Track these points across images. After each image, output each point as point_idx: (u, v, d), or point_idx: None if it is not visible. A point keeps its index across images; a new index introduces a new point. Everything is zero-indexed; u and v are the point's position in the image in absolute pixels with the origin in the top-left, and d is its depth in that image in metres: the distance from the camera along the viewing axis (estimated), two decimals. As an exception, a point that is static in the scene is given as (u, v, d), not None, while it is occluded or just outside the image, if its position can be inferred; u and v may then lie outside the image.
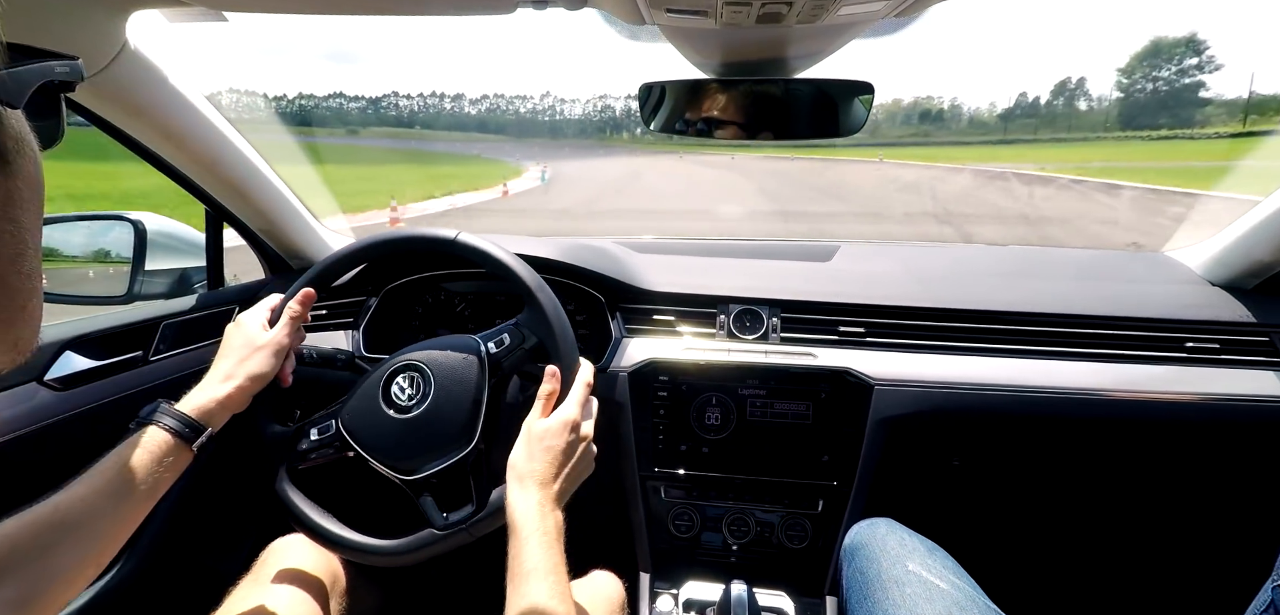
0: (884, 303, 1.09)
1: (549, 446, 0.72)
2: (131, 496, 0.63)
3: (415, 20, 0.80)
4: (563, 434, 0.73)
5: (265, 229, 1.16)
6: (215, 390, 0.73)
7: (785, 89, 0.87)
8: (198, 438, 0.69)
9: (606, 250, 1.21)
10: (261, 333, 0.79)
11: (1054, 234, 10.56)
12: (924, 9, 0.69)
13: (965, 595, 0.75)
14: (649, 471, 1.07)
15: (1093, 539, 1.29)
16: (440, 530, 0.78)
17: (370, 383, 0.84)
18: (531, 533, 0.66)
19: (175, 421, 0.68)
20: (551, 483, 0.71)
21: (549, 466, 0.71)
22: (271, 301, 0.83)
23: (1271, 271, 1.06)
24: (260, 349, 0.77)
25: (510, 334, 0.84)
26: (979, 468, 1.20)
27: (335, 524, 0.81)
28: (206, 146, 0.97)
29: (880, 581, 0.79)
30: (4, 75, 0.27)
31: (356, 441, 0.80)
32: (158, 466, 0.65)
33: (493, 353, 0.83)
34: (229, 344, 0.78)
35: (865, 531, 0.90)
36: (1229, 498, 1.20)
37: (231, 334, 0.79)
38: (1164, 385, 1.01)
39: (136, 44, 0.79)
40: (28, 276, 0.31)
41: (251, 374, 0.76)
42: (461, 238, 0.87)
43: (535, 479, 0.70)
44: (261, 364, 0.77)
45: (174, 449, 0.67)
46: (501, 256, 0.85)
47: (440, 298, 1.24)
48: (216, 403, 0.72)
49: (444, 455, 0.79)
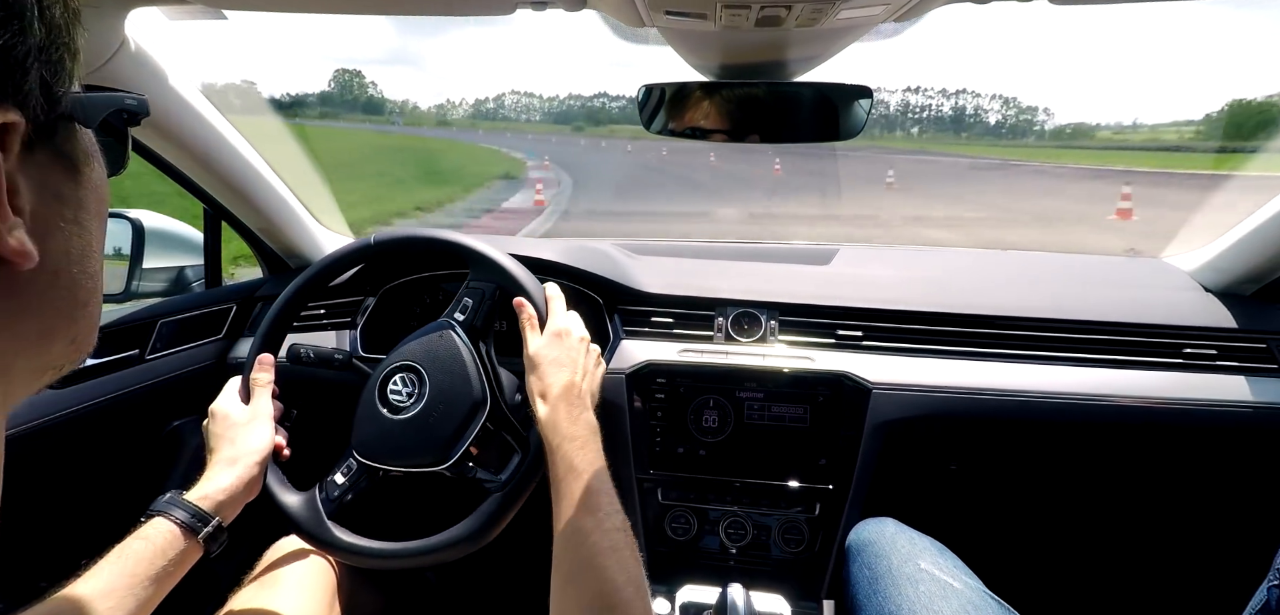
0: (882, 306, 1.09)
1: (553, 359, 0.75)
2: (133, 595, 0.61)
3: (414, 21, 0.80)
4: (558, 343, 0.76)
5: (263, 228, 1.16)
6: (223, 478, 0.71)
7: (784, 92, 0.87)
8: (205, 528, 0.67)
9: (605, 252, 1.21)
10: (243, 410, 0.79)
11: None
12: (924, 12, 0.69)
13: (979, 595, 0.75)
14: (646, 474, 1.07)
15: (1090, 543, 1.29)
16: (501, 489, 0.78)
17: (367, 401, 0.84)
18: (564, 439, 0.68)
19: (186, 514, 0.66)
20: (571, 388, 0.73)
21: (559, 374, 0.74)
22: (235, 383, 0.82)
23: (1269, 278, 1.07)
24: (249, 424, 0.77)
25: (470, 295, 0.87)
26: (976, 472, 1.20)
27: (399, 544, 0.80)
28: (205, 145, 0.97)
29: (892, 578, 0.79)
30: (81, 97, 0.31)
31: (380, 461, 0.80)
32: (162, 561, 0.63)
33: (461, 320, 0.85)
34: (216, 434, 0.76)
35: (872, 530, 0.90)
36: (1226, 502, 1.20)
37: (214, 426, 0.77)
38: (1161, 391, 1.01)
39: (135, 40, 0.79)
40: (92, 276, 0.33)
41: (252, 450, 0.75)
42: (381, 235, 0.90)
43: (554, 390, 0.72)
44: (257, 437, 0.76)
45: (180, 542, 0.65)
46: (427, 235, 0.89)
47: (438, 297, 1.23)
48: (227, 492, 0.70)
49: (469, 426, 0.80)
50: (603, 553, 0.60)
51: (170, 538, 0.64)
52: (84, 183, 0.32)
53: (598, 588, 0.58)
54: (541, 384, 0.74)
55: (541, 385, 0.74)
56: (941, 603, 0.73)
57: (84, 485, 0.97)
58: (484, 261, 0.87)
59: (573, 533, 0.62)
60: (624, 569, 0.59)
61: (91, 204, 0.33)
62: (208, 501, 0.68)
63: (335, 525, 0.80)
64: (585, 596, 0.58)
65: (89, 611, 0.57)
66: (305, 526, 0.80)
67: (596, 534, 0.61)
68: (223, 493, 0.70)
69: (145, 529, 0.64)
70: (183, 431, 1.04)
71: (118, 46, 0.77)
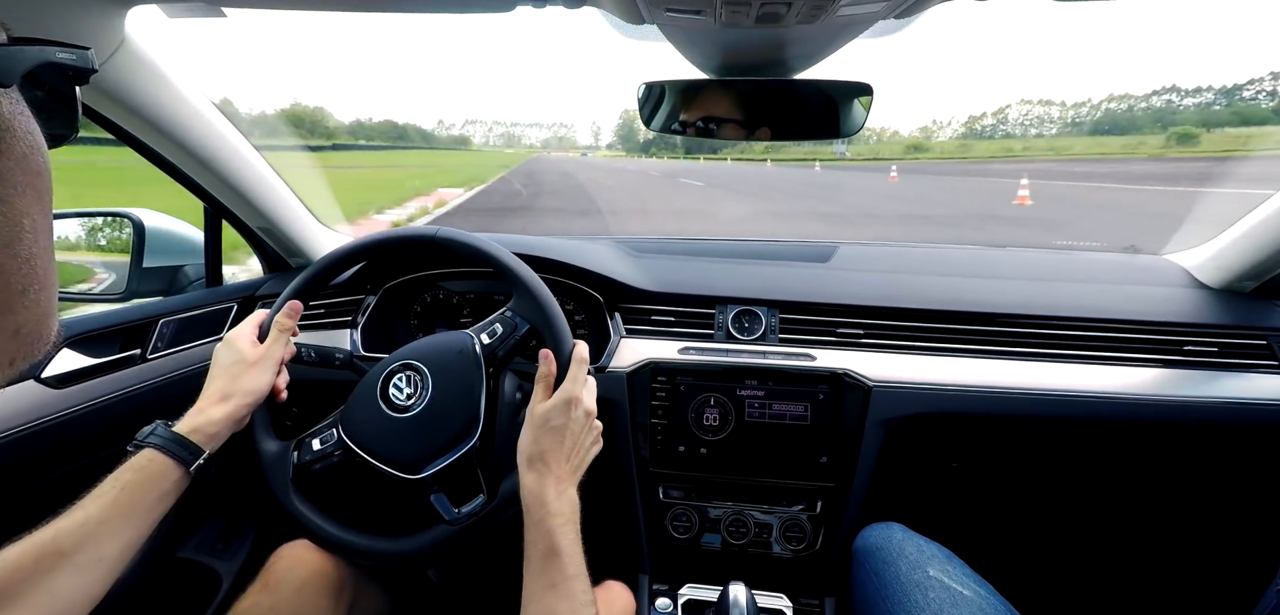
0: (883, 304, 1.09)
1: (554, 427, 0.72)
2: (130, 523, 0.62)
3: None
4: (566, 412, 0.73)
5: (264, 227, 1.16)
6: (212, 412, 0.72)
7: (784, 89, 0.87)
8: (196, 461, 0.68)
9: (605, 250, 1.21)
10: (252, 348, 0.79)
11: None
12: (924, 9, 0.69)
13: (988, 602, 0.75)
14: (647, 472, 1.07)
15: (1093, 543, 1.29)
16: (452, 525, 0.78)
17: (367, 386, 0.84)
18: (548, 514, 0.66)
19: (173, 444, 0.67)
20: (562, 462, 0.71)
21: (557, 446, 0.71)
22: (258, 317, 0.83)
23: (1269, 275, 1.07)
24: (254, 365, 0.77)
25: (502, 324, 0.84)
26: (977, 470, 1.20)
27: (345, 530, 0.81)
28: (205, 144, 0.97)
29: (900, 585, 0.78)
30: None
31: (359, 446, 0.80)
32: (155, 491, 0.65)
33: (486, 344, 0.83)
34: (219, 364, 0.77)
35: (879, 535, 0.89)
36: (1230, 500, 1.20)
37: (221, 354, 0.78)
38: (1162, 388, 1.01)
39: (136, 39, 0.79)
40: (26, 260, 0.29)
41: (247, 391, 0.75)
42: (445, 234, 0.87)
43: (545, 461, 0.70)
44: (256, 380, 0.76)
45: (172, 473, 0.66)
46: (491, 249, 0.86)
47: (438, 297, 1.23)
48: (216, 427, 0.71)
49: (449, 450, 0.79)
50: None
51: (163, 469, 0.66)
52: (3, 155, 0.28)
53: None
54: (537, 449, 0.71)
55: (536, 450, 0.71)
56: (951, 609, 0.72)
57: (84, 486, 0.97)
58: (531, 299, 0.84)
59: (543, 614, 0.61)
60: None
61: (17, 179, 0.29)
62: (198, 435, 0.69)
63: (295, 488, 0.81)
64: None
65: (89, 539, 0.59)
66: (270, 478, 0.81)
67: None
68: (212, 426, 0.71)
69: (138, 460, 0.65)
70: None
71: (118, 45, 0.77)
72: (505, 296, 1.21)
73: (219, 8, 0.77)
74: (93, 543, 0.59)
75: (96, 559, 0.59)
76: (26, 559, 0.55)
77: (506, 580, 0.66)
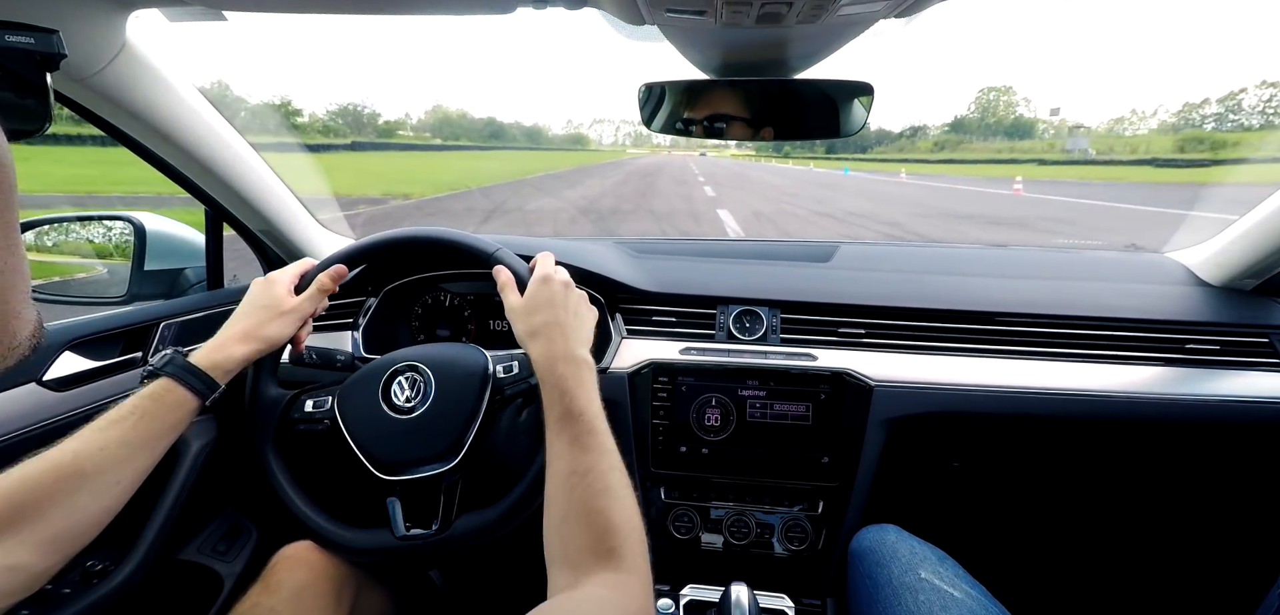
0: (884, 303, 1.09)
1: (541, 302, 0.73)
2: (146, 450, 0.65)
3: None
4: (545, 287, 0.74)
5: (265, 229, 1.16)
6: (232, 349, 0.74)
7: (785, 89, 0.87)
8: (212, 394, 0.70)
9: (606, 251, 1.21)
10: (288, 297, 0.80)
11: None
12: (924, 8, 0.69)
13: (980, 603, 0.75)
14: (648, 472, 1.07)
15: (1095, 542, 1.28)
16: (396, 540, 0.78)
17: (372, 373, 0.84)
18: (557, 379, 0.66)
19: (191, 377, 0.69)
20: (560, 332, 0.71)
21: (552, 318, 0.71)
22: (302, 266, 0.84)
23: (1271, 272, 1.06)
24: (284, 314, 0.78)
25: (521, 363, 0.84)
26: (980, 469, 1.20)
27: (302, 498, 0.82)
28: (206, 147, 0.97)
29: (892, 587, 0.78)
30: None
31: (346, 426, 0.81)
32: (172, 420, 0.67)
33: (499, 378, 0.83)
34: (252, 302, 0.78)
35: (873, 537, 0.89)
36: (1232, 500, 1.20)
37: (257, 291, 0.79)
38: (1164, 387, 1.01)
39: (137, 43, 0.79)
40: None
41: (269, 338, 0.77)
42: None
43: (546, 332, 0.70)
44: (280, 328, 0.78)
45: (188, 404, 0.68)
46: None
47: (440, 298, 1.24)
48: (233, 362, 0.73)
49: (424, 466, 0.79)
50: (598, 495, 0.58)
51: (180, 400, 0.68)
52: None
53: (594, 531, 0.56)
54: (531, 325, 0.71)
55: (529, 326, 0.71)
56: (941, 612, 0.72)
57: None
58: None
59: (568, 473, 0.60)
60: (621, 510, 0.57)
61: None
62: (216, 370, 0.71)
63: (273, 439, 0.82)
64: (582, 540, 0.56)
65: (110, 464, 0.61)
66: (255, 419, 0.83)
67: (592, 476, 0.59)
68: (231, 364, 0.73)
69: (155, 390, 0.67)
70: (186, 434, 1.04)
71: (119, 49, 0.77)
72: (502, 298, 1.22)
73: (220, 12, 0.77)
74: (113, 467, 0.61)
75: (114, 482, 0.61)
76: (47, 478, 0.57)
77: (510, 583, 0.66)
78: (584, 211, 12.20)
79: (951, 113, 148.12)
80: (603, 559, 0.54)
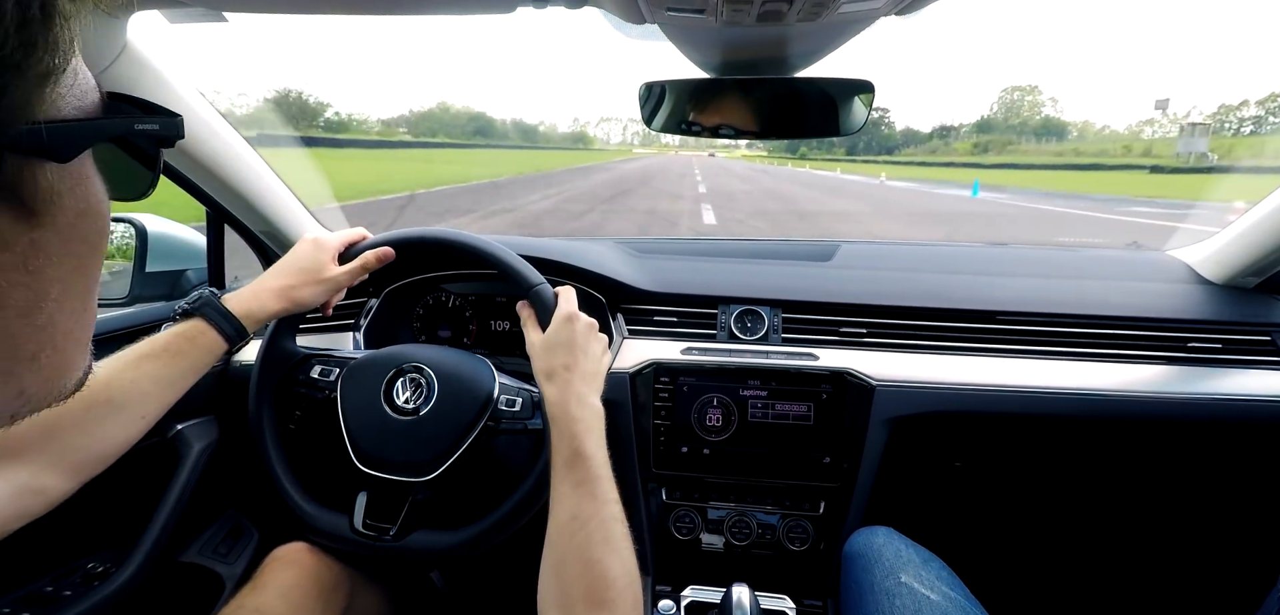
0: (886, 303, 1.09)
1: (562, 342, 0.73)
2: (173, 386, 0.66)
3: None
4: (567, 327, 0.74)
5: (267, 231, 1.16)
6: (268, 302, 0.75)
7: (785, 88, 0.87)
8: (240, 341, 0.72)
9: (607, 251, 1.21)
10: (331, 265, 0.81)
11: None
12: (924, 6, 0.69)
13: (957, 606, 0.75)
14: (650, 473, 1.07)
15: (1096, 541, 1.28)
16: (351, 532, 0.80)
17: (382, 363, 0.84)
18: (569, 422, 0.67)
19: (225, 322, 0.71)
20: (577, 374, 0.71)
21: (570, 359, 0.72)
22: (354, 235, 0.85)
23: (1273, 270, 1.06)
24: (323, 282, 0.79)
25: (525, 403, 0.84)
26: (981, 469, 1.19)
27: (280, 458, 0.83)
28: (207, 148, 0.97)
29: (872, 593, 0.79)
30: (42, 127, 0.25)
31: (342, 405, 0.82)
32: (202, 360, 0.69)
33: (500, 407, 0.83)
34: (298, 262, 0.79)
35: (863, 540, 0.89)
36: (1234, 499, 1.19)
37: (303, 252, 0.80)
38: (1166, 385, 1.00)
39: (137, 45, 0.79)
40: (41, 329, 0.27)
41: (304, 301, 0.78)
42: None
43: (564, 371, 0.71)
44: (316, 295, 0.79)
45: (218, 347, 0.70)
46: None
47: (442, 299, 1.24)
48: (267, 313, 0.75)
49: (400, 472, 0.79)
50: (598, 544, 0.58)
51: (212, 343, 0.70)
52: (43, 226, 0.26)
53: (590, 581, 0.56)
54: (549, 365, 0.72)
55: (548, 366, 0.72)
56: None
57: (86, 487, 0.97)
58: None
59: (569, 519, 0.61)
60: (619, 563, 0.58)
61: (54, 250, 0.27)
62: (249, 318, 0.73)
63: (270, 394, 0.84)
64: (577, 590, 0.56)
65: (140, 396, 0.63)
66: (260, 369, 0.84)
67: (593, 524, 0.60)
68: (264, 313, 0.75)
69: (189, 330, 0.69)
70: (187, 435, 1.04)
71: (120, 50, 0.77)
72: (505, 298, 1.22)
73: (220, 13, 0.77)
74: (141, 401, 0.63)
75: (140, 415, 0.63)
76: (77, 404, 0.57)
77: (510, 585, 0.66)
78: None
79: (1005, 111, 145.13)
80: (595, 610, 0.55)
